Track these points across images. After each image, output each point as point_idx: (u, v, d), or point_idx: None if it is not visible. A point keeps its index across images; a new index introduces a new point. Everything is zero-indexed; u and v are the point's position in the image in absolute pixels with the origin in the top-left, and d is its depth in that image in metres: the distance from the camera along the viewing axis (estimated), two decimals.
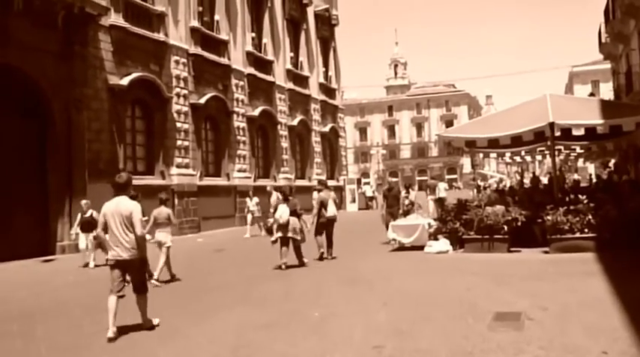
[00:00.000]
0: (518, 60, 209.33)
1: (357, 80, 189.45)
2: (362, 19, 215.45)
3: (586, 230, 11.99)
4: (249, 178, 27.77)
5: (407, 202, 15.59)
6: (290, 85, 32.53)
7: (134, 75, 20.36)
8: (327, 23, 38.24)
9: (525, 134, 12.87)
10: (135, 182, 22.18)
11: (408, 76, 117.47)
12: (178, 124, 22.90)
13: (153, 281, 9.97)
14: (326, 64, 38.40)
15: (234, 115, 26.87)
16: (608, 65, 49.62)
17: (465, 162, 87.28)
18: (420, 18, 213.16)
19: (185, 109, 23.33)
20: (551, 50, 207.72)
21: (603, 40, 30.17)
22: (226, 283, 10.62)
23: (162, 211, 10.95)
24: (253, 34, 29.17)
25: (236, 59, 27.27)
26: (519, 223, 12.72)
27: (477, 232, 12.97)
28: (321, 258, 12.86)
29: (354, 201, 38.00)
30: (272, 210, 12.53)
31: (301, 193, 27.04)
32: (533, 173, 32.16)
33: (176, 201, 22.33)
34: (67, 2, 17.04)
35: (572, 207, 12.22)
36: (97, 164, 18.73)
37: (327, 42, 38.56)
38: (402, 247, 14.16)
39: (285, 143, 31.84)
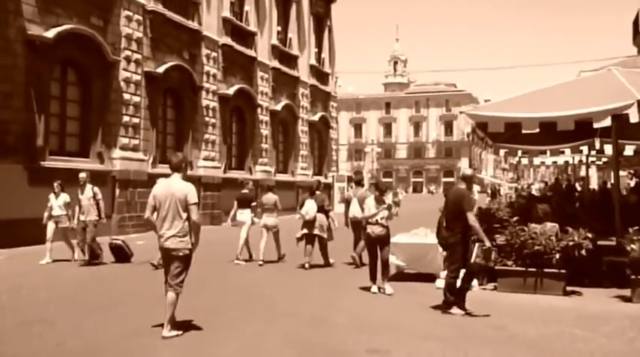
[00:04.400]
0: (522, 63, 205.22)
1: (354, 74, 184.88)
2: (362, 13, 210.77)
3: None
4: (219, 168, 23.28)
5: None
6: (275, 64, 27.91)
7: (65, 27, 15.79)
8: None
9: (598, 116, 8.42)
10: (61, 165, 17.20)
11: (407, 74, 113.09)
12: (126, 96, 18.32)
13: (259, 262, 11.34)
14: (319, 45, 33.77)
15: (203, 92, 22.32)
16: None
17: (464, 164, 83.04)
18: (422, 16, 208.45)
19: (137, 77, 18.74)
20: (558, 53, 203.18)
21: None
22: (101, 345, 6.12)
23: (270, 198, 11.83)
24: None
25: (209, 25, 22.71)
26: (583, 252, 8.34)
27: (516, 261, 8.58)
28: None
29: (342, 201, 33.41)
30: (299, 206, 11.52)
31: (284, 190, 22.65)
32: (556, 179, 27.51)
33: (117, 191, 17.80)
34: None
35: None
36: (4, 138, 14.29)
37: (321, 20, 33.90)
38: (401, 274, 9.79)
39: (265, 130, 27.25)
